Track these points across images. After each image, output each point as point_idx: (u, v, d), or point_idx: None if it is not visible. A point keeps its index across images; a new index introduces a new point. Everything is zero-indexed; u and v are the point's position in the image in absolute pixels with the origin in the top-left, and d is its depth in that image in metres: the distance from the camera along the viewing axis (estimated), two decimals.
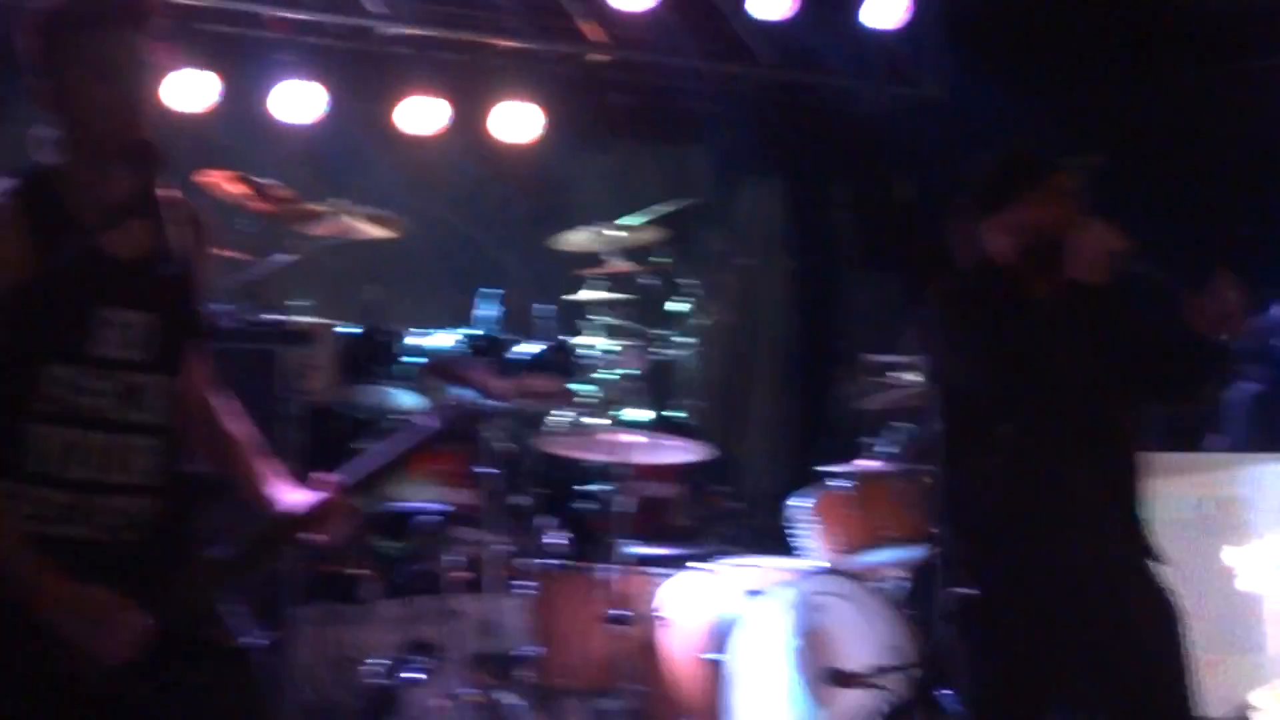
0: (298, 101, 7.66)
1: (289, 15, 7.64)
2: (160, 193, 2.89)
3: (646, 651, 5.61)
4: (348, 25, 7.93)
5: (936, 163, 8.28)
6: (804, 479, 6.27)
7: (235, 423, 3.19)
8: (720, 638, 5.33)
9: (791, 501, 6.10)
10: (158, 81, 2.95)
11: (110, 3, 2.84)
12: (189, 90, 7.24)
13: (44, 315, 2.79)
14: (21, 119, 3.01)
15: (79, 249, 2.77)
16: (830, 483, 5.99)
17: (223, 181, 6.45)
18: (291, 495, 3.07)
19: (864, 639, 5.41)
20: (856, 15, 8.44)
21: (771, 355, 9.35)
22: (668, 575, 5.81)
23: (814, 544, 5.93)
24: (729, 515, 6.98)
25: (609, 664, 5.48)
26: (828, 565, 5.72)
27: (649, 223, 7.33)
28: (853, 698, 5.34)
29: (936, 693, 4.69)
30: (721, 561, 5.82)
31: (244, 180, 6.47)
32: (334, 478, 3.07)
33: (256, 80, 7.61)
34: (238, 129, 7.61)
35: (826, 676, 5.31)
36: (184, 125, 7.11)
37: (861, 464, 6.12)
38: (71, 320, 2.81)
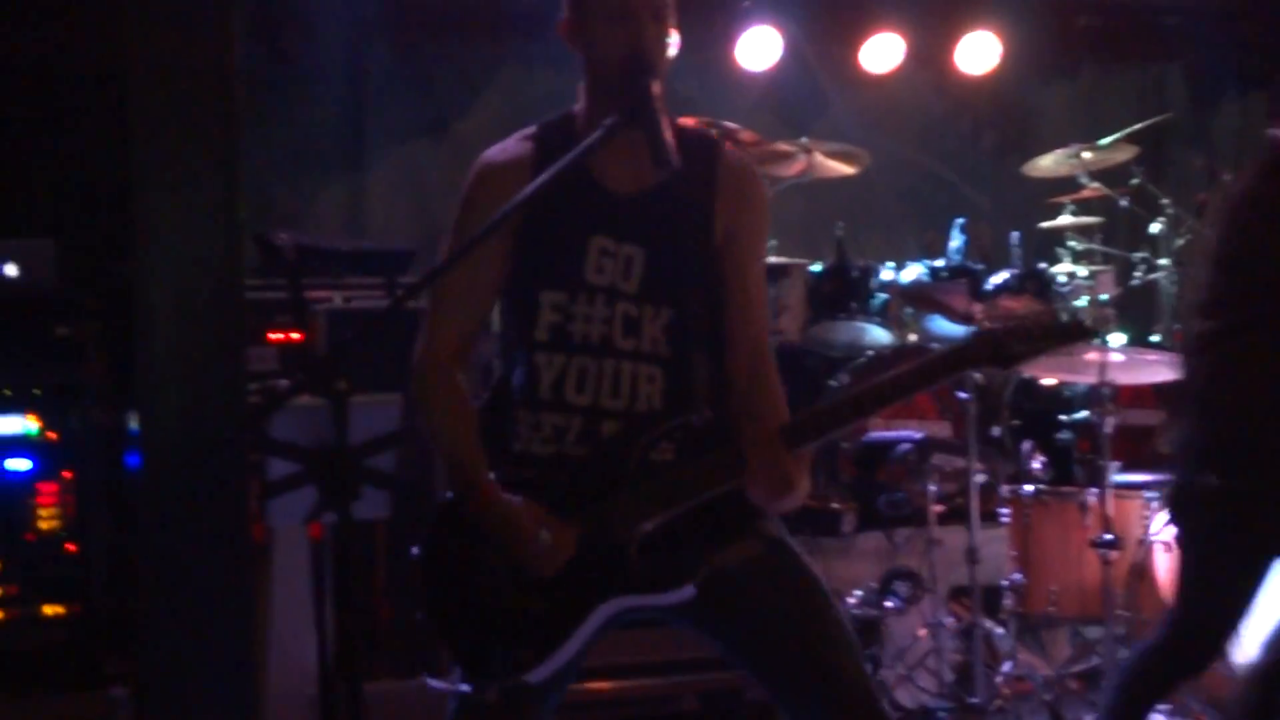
0: (758, 47, 7.76)
1: None
2: (706, 143, 3.06)
3: (1136, 577, 5.44)
4: None
5: None
6: None
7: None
8: None
9: None
10: (667, 33, 2.99)
11: None
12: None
13: (543, 245, 2.96)
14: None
15: (577, 183, 2.90)
16: None
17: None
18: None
19: None
20: None
21: None
22: (1156, 500, 5.61)
23: None
24: None
25: (1096, 591, 5.33)
26: None
27: (1122, 140, 7.05)
28: None
29: None
30: None
31: (712, 126, 6.60)
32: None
33: (719, 29, 7.71)
34: (701, 78, 7.76)
35: None
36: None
37: None
38: (565, 249, 2.95)
